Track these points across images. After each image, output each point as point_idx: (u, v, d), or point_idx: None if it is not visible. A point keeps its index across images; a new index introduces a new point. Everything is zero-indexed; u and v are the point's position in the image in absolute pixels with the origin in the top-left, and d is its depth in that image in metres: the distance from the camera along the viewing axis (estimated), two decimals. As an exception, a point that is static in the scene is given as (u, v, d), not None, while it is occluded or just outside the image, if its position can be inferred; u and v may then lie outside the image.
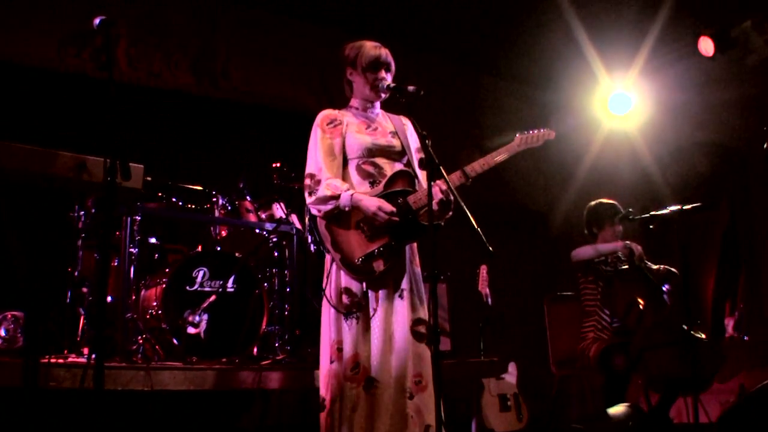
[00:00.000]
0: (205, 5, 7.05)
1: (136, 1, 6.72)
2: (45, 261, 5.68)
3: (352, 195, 3.76)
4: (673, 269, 5.51)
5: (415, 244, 3.99)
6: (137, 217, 5.25)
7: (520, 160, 8.09)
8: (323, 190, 3.78)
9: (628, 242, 5.50)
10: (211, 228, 5.61)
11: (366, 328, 3.77)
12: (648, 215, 5.43)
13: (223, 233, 5.57)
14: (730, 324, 7.53)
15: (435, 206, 3.74)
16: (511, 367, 6.07)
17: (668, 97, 7.44)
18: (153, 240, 5.59)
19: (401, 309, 3.80)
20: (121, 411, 4.22)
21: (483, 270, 6.14)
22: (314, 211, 3.84)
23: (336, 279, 3.85)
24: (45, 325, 4.93)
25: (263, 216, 5.68)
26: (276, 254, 5.80)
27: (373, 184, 3.89)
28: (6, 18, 6.10)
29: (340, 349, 3.76)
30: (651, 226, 5.39)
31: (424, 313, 3.86)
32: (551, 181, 8.55)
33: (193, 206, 5.65)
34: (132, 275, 5.23)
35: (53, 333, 5.06)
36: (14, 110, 5.96)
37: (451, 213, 3.87)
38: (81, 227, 5.33)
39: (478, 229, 3.43)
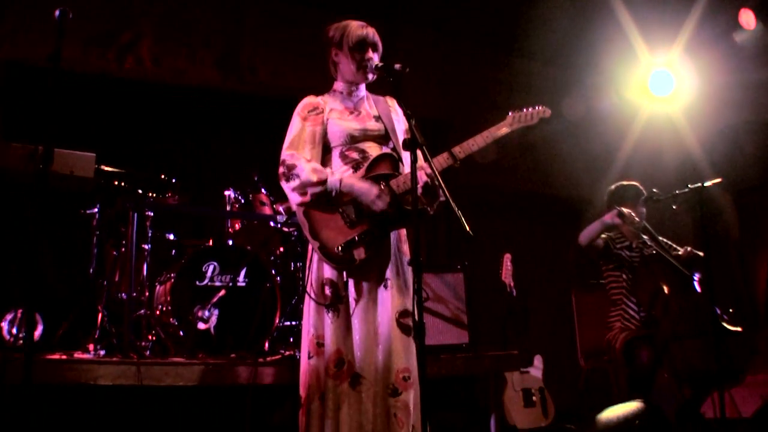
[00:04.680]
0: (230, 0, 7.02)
1: (161, -2, 6.74)
2: (60, 258, 5.78)
3: (341, 179, 3.61)
4: (699, 252, 5.19)
5: (403, 231, 3.81)
6: (149, 213, 5.27)
7: (558, 144, 7.99)
8: (308, 175, 3.60)
9: (619, 208, 5.20)
10: (227, 222, 5.54)
11: (348, 321, 3.61)
12: (671, 195, 5.15)
13: (237, 226, 5.50)
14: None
15: (419, 191, 3.61)
16: (537, 361, 5.81)
17: (712, 76, 7.07)
18: (171, 236, 5.57)
19: (385, 299, 3.62)
20: (139, 406, 4.20)
21: (506, 259, 5.92)
22: (296, 197, 3.67)
23: (318, 269, 3.69)
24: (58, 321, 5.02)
25: (281, 209, 5.58)
26: (299, 248, 5.70)
27: (356, 168, 3.72)
28: (29, 20, 6.14)
29: (320, 344, 3.59)
30: (674, 206, 5.12)
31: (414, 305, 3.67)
32: (592, 165, 8.23)
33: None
34: (146, 272, 5.27)
35: (73, 329, 5.13)
36: (37, 112, 6.03)
37: (441, 199, 3.68)
38: (95, 224, 5.33)
39: (458, 212, 3.23)
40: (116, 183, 5.04)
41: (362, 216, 3.62)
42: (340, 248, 3.58)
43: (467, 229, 3.18)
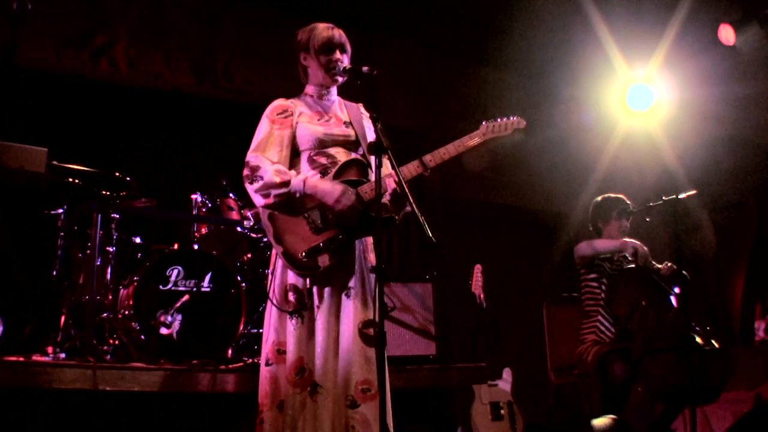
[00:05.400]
0: (207, 5, 6.96)
1: (137, 1, 6.64)
2: (25, 259, 5.67)
3: (305, 180, 3.54)
4: (683, 272, 5.12)
5: (370, 240, 3.72)
6: (115, 216, 5.17)
7: (536, 159, 7.95)
8: (272, 177, 3.53)
9: (632, 241, 5.18)
10: (193, 226, 5.45)
11: (311, 328, 3.52)
12: (644, 207, 5.11)
13: (203, 231, 5.40)
14: (761, 327, 7.07)
15: (387, 198, 3.56)
16: (506, 374, 5.70)
17: (691, 90, 7.04)
18: (137, 240, 5.46)
19: (348, 309, 3.54)
20: (99, 411, 4.09)
21: (477, 270, 5.83)
22: (259, 199, 3.59)
23: (282, 275, 3.62)
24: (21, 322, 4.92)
25: (249, 214, 5.49)
26: (268, 254, 5.61)
27: (323, 174, 3.64)
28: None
29: (281, 351, 3.51)
30: (648, 219, 5.09)
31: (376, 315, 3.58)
32: (569, 180, 8.19)
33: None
34: (110, 275, 5.15)
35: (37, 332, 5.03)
36: (16, 113, 5.92)
37: (408, 208, 3.60)
38: (60, 225, 5.22)
39: (422, 218, 3.15)
40: (70, 180, 4.94)
41: (328, 223, 3.55)
42: (303, 254, 3.50)
43: (430, 236, 3.11)
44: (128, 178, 5.26)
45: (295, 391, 3.45)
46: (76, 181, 4.99)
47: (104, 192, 5.06)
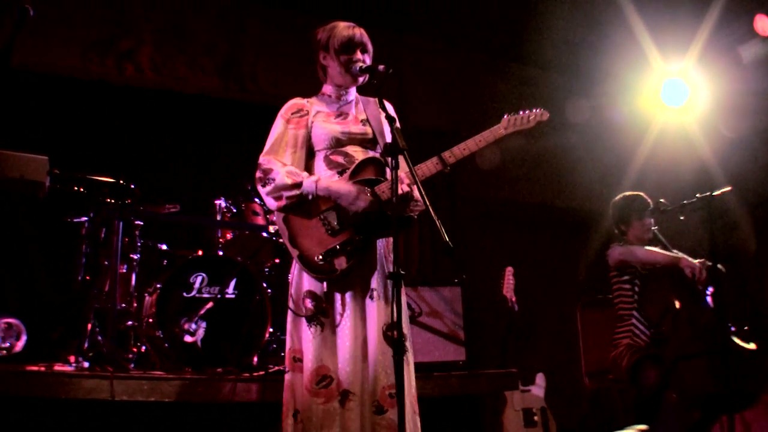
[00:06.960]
0: (232, 8, 6.93)
1: (161, 6, 6.64)
2: (51, 267, 5.66)
3: (317, 181, 3.42)
4: (717, 265, 4.92)
5: (390, 240, 3.61)
6: (139, 222, 5.14)
7: (569, 155, 7.79)
8: (283, 178, 3.42)
9: (687, 259, 4.94)
10: (217, 232, 5.39)
11: (333, 335, 3.39)
12: (678, 205, 4.92)
13: (228, 236, 5.33)
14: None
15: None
16: (540, 379, 5.54)
17: (726, 85, 6.84)
18: (163, 246, 5.41)
19: (372, 311, 3.40)
20: (127, 420, 4.04)
21: (508, 272, 5.68)
22: (271, 202, 3.48)
23: (299, 280, 3.49)
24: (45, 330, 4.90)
25: (274, 219, 5.42)
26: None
27: (341, 173, 3.52)
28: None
29: (297, 359, 3.39)
30: (682, 217, 4.90)
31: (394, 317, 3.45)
32: (604, 177, 8.00)
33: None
34: (134, 282, 5.12)
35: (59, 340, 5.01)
36: (41, 119, 5.93)
37: (419, 207, 3.48)
38: (84, 233, 5.19)
39: (438, 222, 3.03)
40: (75, 188, 4.89)
41: (344, 224, 3.43)
42: (320, 257, 3.39)
43: (447, 240, 2.99)
44: (132, 186, 5.18)
45: (318, 400, 3.32)
46: (81, 189, 4.94)
47: (108, 200, 4.99)
